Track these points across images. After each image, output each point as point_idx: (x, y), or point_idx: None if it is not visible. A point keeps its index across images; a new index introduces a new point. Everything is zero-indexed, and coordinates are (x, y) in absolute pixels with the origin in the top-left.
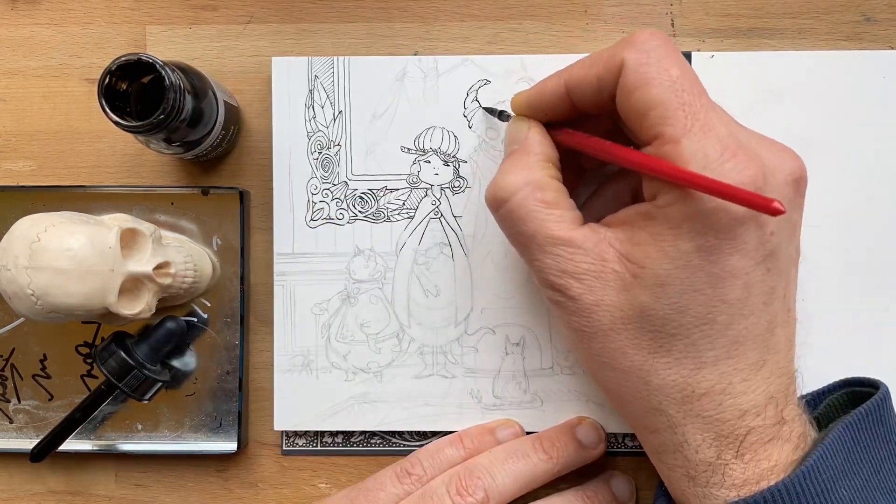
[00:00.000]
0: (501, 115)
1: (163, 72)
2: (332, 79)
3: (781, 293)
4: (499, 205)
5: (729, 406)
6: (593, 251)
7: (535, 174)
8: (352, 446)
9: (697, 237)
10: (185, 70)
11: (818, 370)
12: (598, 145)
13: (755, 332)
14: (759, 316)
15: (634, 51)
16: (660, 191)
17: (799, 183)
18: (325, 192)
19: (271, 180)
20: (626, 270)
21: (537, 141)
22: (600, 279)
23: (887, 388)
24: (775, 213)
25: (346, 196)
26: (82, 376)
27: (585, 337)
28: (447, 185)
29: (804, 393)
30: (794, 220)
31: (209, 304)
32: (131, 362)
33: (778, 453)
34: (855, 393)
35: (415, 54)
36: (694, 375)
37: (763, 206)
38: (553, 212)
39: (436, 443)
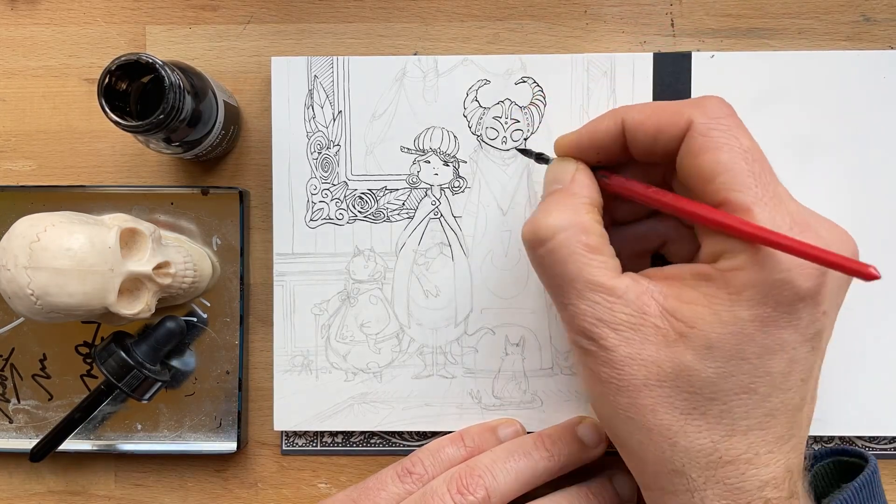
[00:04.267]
0: (539, 158)
1: (163, 72)
2: (331, 79)
3: (816, 373)
4: (539, 244)
5: (752, 476)
6: (634, 302)
7: (581, 216)
8: (352, 446)
9: (756, 306)
10: (185, 70)
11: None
12: (664, 197)
13: (789, 406)
14: (796, 392)
15: (704, 114)
16: (724, 254)
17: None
18: (324, 192)
19: (271, 180)
20: (671, 327)
21: (585, 184)
22: (639, 332)
23: (875, 462)
24: (871, 278)
25: (345, 196)
26: (82, 376)
27: (613, 390)
28: (447, 186)
29: None
30: (839, 303)
31: (209, 304)
32: (131, 362)
33: None
34: (842, 463)
35: (415, 54)
36: (724, 442)
37: (860, 271)
38: (596, 257)
39: (436, 442)
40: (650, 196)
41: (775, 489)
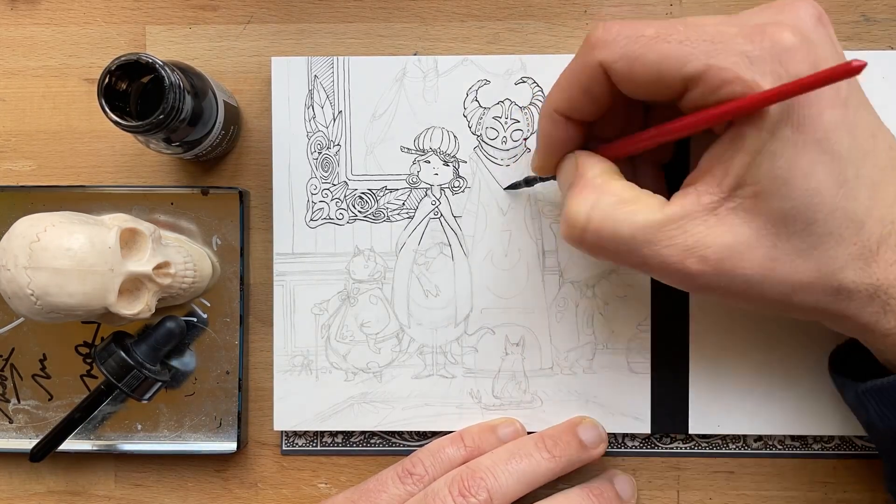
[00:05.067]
0: (528, 182)
1: (163, 72)
2: (331, 79)
3: (875, 119)
4: (581, 233)
5: None
6: (699, 210)
7: (600, 186)
8: (352, 446)
9: (787, 120)
10: (185, 70)
11: None
12: (660, 132)
13: (881, 165)
14: (876, 150)
15: (603, 48)
16: (731, 124)
17: (822, 18)
18: (324, 192)
19: (271, 180)
20: (744, 198)
21: (589, 163)
22: (724, 227)
23: None
24: (858, 70)
25: (345, 196)
26: (82, 376)
27: (754, 288)
28: (447, 185)
29: None
30: (839, 51)
31: (209, 304)
32: (131, 362)
33: None
34: None
35: (415, 54)
36: (860, 236)
37: (847, 71)
38: (635, 205)
39: (436, 442)
40: (645, 139)
41: None
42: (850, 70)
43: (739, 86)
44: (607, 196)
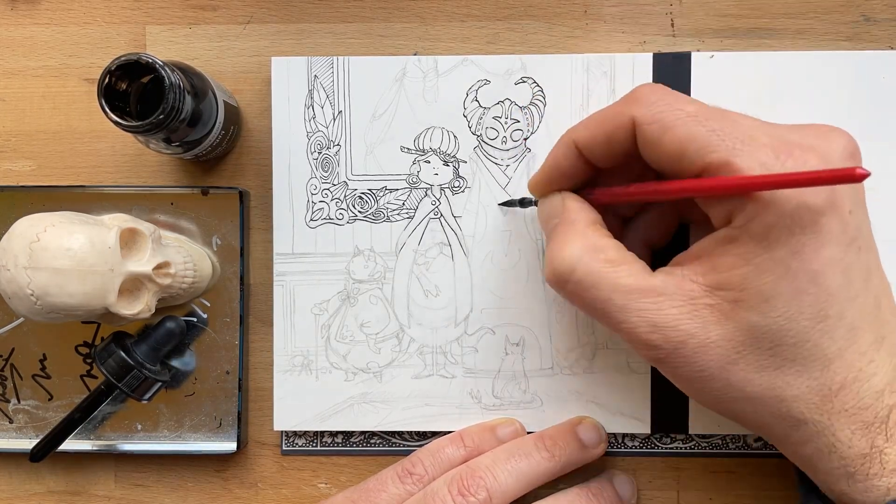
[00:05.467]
0: (523, 203)
1: (163, 72)
2: (331, 79)
3: (875, 265)
4: (564, 280)
5: (866, 392)
6: (677, 293)
7: (588, 239)
8: (352, 446)
9: (788, 241)
10: (185, 70)
11: None
12: (647, 188)
13: (865, 311)
14: (865, 295)
15: (641, 106)
16: (734, 211)
17: (854, 155)
18: (324, 192)
19: (271, 180)
20: (722, 300)
21: (577, 207)
22: (696, 318)
23: None
24: (861, 177)
25: (345, 196)
26: (82, 376)
27: (702, 382)
28: (447, 185)
29: None
30: (861, 191)
31: (209, 304)
32: (131, 362)
33: None
34: None
35: (415, 54)
36: (825, 374)
37: (847, 176)
38: (621, 268)
39: (436, 442)
40: (634, 193)
41: (893, 393)
42: (851, 176)
43: (723, 170)
44: (595, 251)
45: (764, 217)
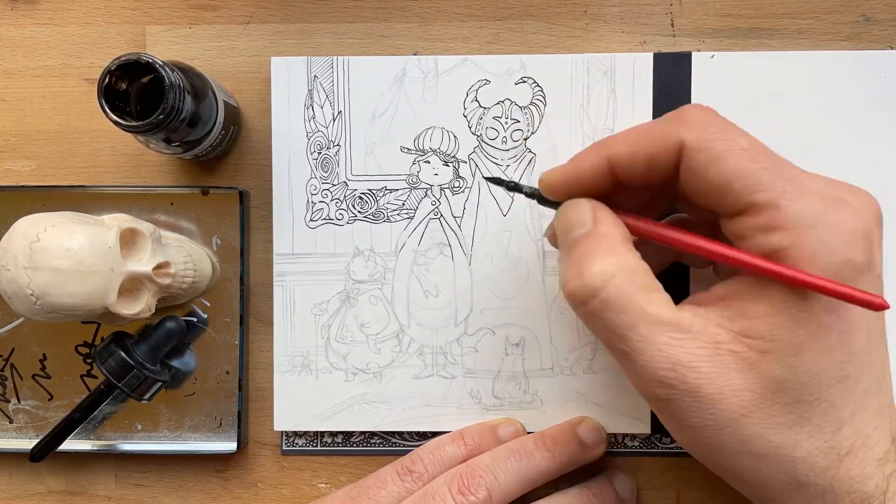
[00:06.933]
0: (511, 187)
1: (163, 72)
2: (331, 79)
3: (884, 331)
4: (590, 296)
5: (869, 460)
6: (703, 334)
7: (626, 258)
8: (352, 446)
9: (821, 296)
10: (185, 70)
11: None
12: (696, 242)
13: (876, 376)
14: (879, 360)
15: (692, 129)
16: (775, 256)
17: (880, 219)
18: (324, 192)
19: (271, 180)
20: (749, 348)
21: (611, 221)
22: (717, 364)
23: None
24: (880, 308)
25: (345, 196)
26: (82, 376)
27: (712, 431)
28: (447, 186)
29: None
30: (880, 255)
31: (209, 304)
32: (131, 362)
33: None
34: None
35: (415, 54)
36: (836, 437)
37: (869, 302)
38: (654, 295)
39: (436, 440)
40: (679, 241)
41: (888, 462)
42: (872, 304)
43: (789, 238)
44: (628, 272)
45: (807, 266)
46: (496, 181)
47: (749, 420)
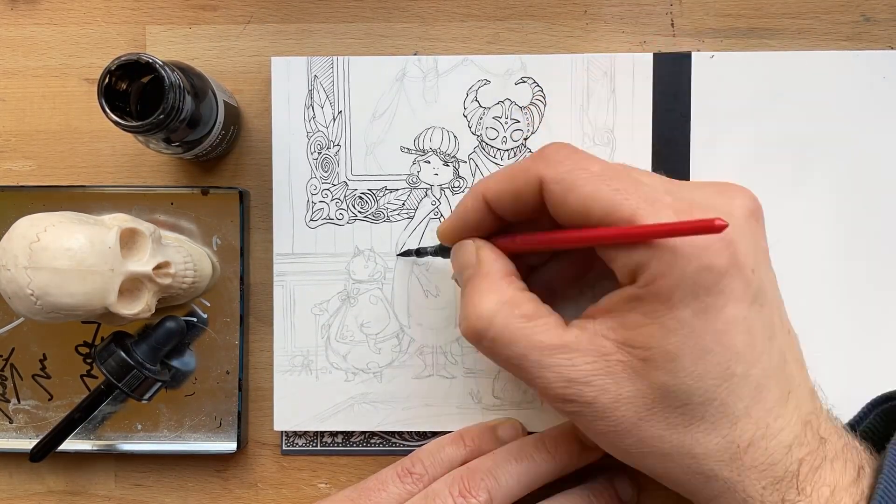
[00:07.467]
0: (419, 253)
1: (163, 72)
2: (331, 79)
3: (778, 321)
4: (481, 336)
5: (774, 448)
6: (590, 349)
7: (503, 292)
8: (352, 446)
9: (692, 302)
10: (185, 70)
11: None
12: (550, 237)
13: (771, 368)
14: (770, 353)
15: (549, 165)
16: (638, 270)
17: (755, 213)
18: (324, 192)
19: (271, 180)
20: (633, 357)
21: (491, 258)
22: (609, 375)
23: None
24: (720, 228)
25: (345, 196)
26: (82, 376)
27: (616, 437)
28: (447, 186)
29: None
30: (764, 248)
31: (209, 304)
32: (131, 362)
33: (832, 476)
34: (886, 411)
35: (415, 54)
36: (733, 432)
37: (707, 227)
38: (537, 323)
39: (436, 441)
40: (539, 241)
41: (801, 446)
42: (711, 227)
43: (648, 254)
44: (508, 306)
45: (668, 277)
46: (406, 254)
47: (647, 423)
